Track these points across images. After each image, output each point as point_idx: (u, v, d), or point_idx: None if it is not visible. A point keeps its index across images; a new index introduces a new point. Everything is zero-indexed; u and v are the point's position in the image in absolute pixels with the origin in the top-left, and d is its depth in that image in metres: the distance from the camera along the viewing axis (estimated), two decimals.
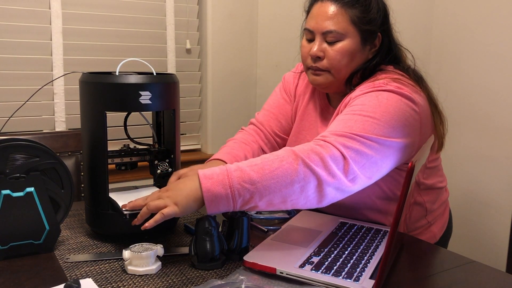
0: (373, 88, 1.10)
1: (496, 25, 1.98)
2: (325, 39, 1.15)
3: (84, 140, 1.05)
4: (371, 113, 1.03)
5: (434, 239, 1.32)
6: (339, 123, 1.04)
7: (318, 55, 1.16)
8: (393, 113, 1.05)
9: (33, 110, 1.92)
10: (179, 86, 1.09)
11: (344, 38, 1.14)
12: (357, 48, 1.15)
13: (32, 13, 1.88)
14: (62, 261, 0.95)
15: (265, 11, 2.32)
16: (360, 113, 1.04)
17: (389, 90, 1.08)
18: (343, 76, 1.18)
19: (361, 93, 1.11)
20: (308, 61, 1.19)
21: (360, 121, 1.02)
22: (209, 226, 0.91)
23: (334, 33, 1.14)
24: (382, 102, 1.06)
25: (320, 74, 1.18)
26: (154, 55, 2.16)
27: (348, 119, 1.04)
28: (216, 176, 0.92)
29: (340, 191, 0.97)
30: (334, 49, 1.15)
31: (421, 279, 0.90)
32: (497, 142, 2.00)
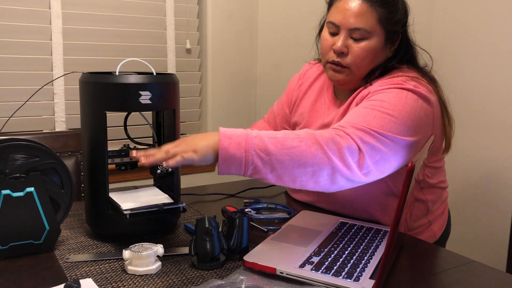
0: (392, 84, 1.11)
1: (496, 25, 1.98)
2: (350, 35, 1.15)
3: (84, 140, 1.05)
4: (390, 110, 1.05)
5: (434, 238, 1.33)
6: (358, 115, 1.05)
7: (343, 51, 1.16)
8: (410, 112, 1.06)
9: (33, 110, 1.92)
10: (179, 86, 1.09)
11: (370, 37, 1.14)
12: (380, 47, 1.16)
13: (32, 13, 1.88)
14: (62, 261, 0.95)
15: (265, 11, 2.32)
16: (379, 109, 1.05)
17: (407, 89, 1.09)
18: (363, 74, 1.19)
19: (380, 89, 1.12)
20: (330, 55, 1.19)
21: (379, 117, 1.04)
22: (209, 226, 0.92)
23: (361, 31, 1.13)
24: (401, 100, 1.07)
25: (340, 71, 1.18)
26: (154, 55, 2.16)
27: (367, 113, 1.05)
28: (236, 138, 0.93)
29: (351, 182, 0.99)
30: (359, 46, 1.15)
31: (421, 279, 0.90)
32: (497, 142, 2.01)
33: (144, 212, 1.02)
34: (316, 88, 1.37)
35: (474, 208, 2.11)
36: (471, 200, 2.11)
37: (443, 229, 1.37)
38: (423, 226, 1.31)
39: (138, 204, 1.02)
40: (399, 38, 1.20)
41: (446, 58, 2.18)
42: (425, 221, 1.30)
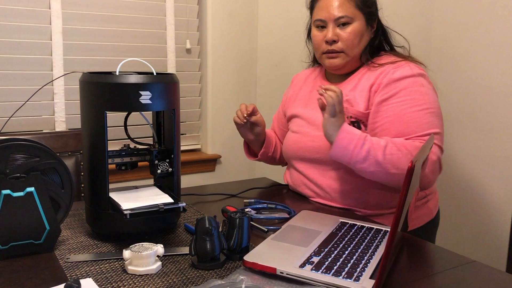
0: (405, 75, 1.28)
1: (496, 25, 1.98)
2: (337, 24, 1.34)
3: (84, 140, 1.05)
4: (422, 105, 1.25)
5: (430, 215, 1.41)
6: (407, 120, 1.24)
7: (334, 39, 1.34)
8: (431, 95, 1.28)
9: (33, 110, 1.92)
10: (179, 86, 1.09)
11: (353, 21, 1.33)
12: (363, 28, 1.35)
13: (32, 13, 1.88)
14: (62, 261, 0.95)
15: (265, 11, 2.32)
16: (416, 109, 1.25)
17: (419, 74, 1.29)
18: (355, 55, 1.36)
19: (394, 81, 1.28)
20: (323, 47, 1.37)
21: (421, 116, 1.24)
22: (209, 226, 0.92)
23: (345, 18, 1.32)
24: (427, 91, 1.27)
25: (335, 56, 1.35)
26: (154, 55, 2.16)
27: (410, 117, 1.24)
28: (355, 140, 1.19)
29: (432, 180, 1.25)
30: (346, 31, 1.33)
31: (421, 279, 0.90)
32: (497, 142, 2.01)
33: (144, 212, 1.02)
34: (309, 83, 1.52)
35: (474, 208, 2.11)
36: (471, 200, 2.11)
37: (437, 208, 1.46)
38: (420, 201, 1.38)
39: (138, 204, 1.03)
40: (376, 20, 1.39)
41: (446, 58, 2.18)
42: (423, 194, 1.39)
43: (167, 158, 1.13)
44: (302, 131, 1.42)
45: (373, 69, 1.34)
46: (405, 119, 1.24)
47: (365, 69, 1.37)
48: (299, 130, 1.44)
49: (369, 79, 1.33)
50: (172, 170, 1.12)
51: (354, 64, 1.38)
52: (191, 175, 2.22)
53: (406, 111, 1.25)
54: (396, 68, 1.30)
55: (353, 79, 1.37)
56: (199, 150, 2.36)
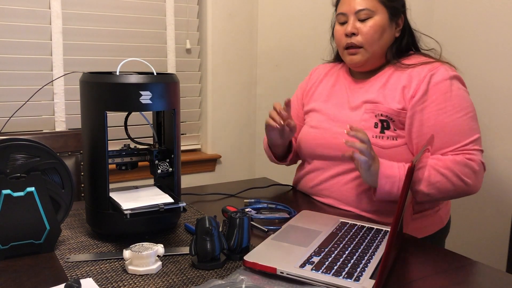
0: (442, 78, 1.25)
1: (496, 25, 1.98)
2: (357, 18, 1.30)
3: (84, 140, 1.05)
4: (462, 110, 1.24)
5: (441, 224, 1.38)
6: (454, 130, 1.23)
7: (353, 31, 1.30)
8: (467, 97, 1.28)
9: (33, 110, 1.92)
10: (179, 86, 1.09)
11: (374, 15, 1.29)
12: (386, 24, 1.31)
13: (32, 13, 1.88)
14: (62, 261, 0.95)
15: (265, 11, 2.32)
16: (457, 116, 1.23)
17: (454, 77, 1.27)
18: (376, 51, 1.32)
19: (433, 84, 1.25)
20: (344, 41, 1.34)
21: (466, 122, 1.24)
22: (209, 226, 0.92)
23: (365, 11, 1.29)
24: (464, 94, 1.27)
25: (356, 52, 1.32)
26: (154, 55, 2.16)
27: (453, 125, 1.23)
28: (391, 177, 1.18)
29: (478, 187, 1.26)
30: (366, 25, 1.30)
31: (421, 279, 0.90)
32: (497, 142, 2.01)
33: (144, 212, 1.02)
34: (332, 78, 1.47)
35: (474, 208, 2.11)
36: (471, 200, 2.11)
37: (448, 216, 1.43)
38: (432, 210, 1.35)
39: (138, 204, 1.03)
40: (402, 18, 1.34)
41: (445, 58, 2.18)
42: (437, 208, 1.36)
43: (167, 158, 1.13)
44: (323, 126, 1.37)
45: (402, 69, 1.30)
46: (448, 129, 1.23)
47: (392, 68, 1.33)
48: (319, 125, 1.39)
49: (400, 79, 1.29)
50: (172, 170, 1.12)
51: (377, 61, 1.34)
52: (191, 175, 2.23)
53: (448, 119, 1.23)
54: (432, 71, 1.26)
55: (381, 77, 1.33)
56: (199, 150, 2.36)
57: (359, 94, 1.35)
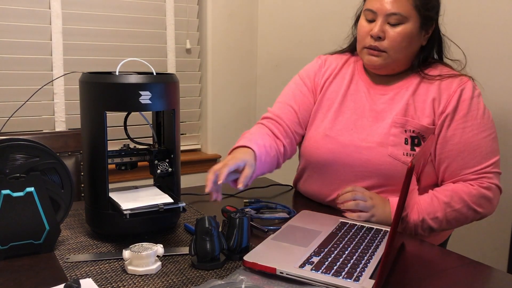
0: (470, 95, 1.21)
1: (496, 25, 1.98)
2: (387, 20, 1.20)
3: (84, 140, 1.05)
4: (486, 130, 1.21)
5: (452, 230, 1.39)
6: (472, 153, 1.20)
7: (380, 35, 1.20)
8: (491, 117, 1.25)
9: (33, 110, 1.92)
10: (179, 86, 1.09)
11: (406, 22, 1.19)
12: (415, 32, 1.21)
13: (32, 13, 1.88)
14: (62, 261, 0.95)
15: (265, 11, 2.32)
16: (481, 136, 1.20)
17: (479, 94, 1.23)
18: (399, 58, 1.23)
19: (462, 101, 1.20)
20: (367, 41, 1.23)
21: (488, 144, 1.21)
22: (209, 226, 0.91)
23: (397, 16, 1.18)
24: (486, 112, 1.23)
25: (377, 55, 1.22)
26: (154, 55, 2.16)
27: (476, 146, 1.20)
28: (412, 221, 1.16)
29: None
30: (395, 31, 1.20)
31: (421, 279, 0.90)
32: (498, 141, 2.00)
33: (144, 212, 1.01)
34: (347, 74, 1.34)
35: None
36: None
37: None
38: None
39: (138, 204, 1.02)
40: (433, 26, 1.26)
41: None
42: None
43: (167, 158, 1.13)
44: (343, 139, 1.25)
45: (429, 81, 1.23)
46: (472, 149, 1.19)
47: (418, 78, 1.24)
48: (337, 135, 1.26)
49: (429, 91, 1.22)
50: (172, 170, 1.12)
51: (397, 67, 1.25)
52: (191, 175, 2.22)
53: (473, 139, 1.19)
54: (461, 86, 1.20)
55: (408, 86, 1.24)
56: (199, 150, 2.36)
57: (382, 101, 1.26)
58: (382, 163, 1.19)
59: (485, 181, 1.19)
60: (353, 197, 1.17)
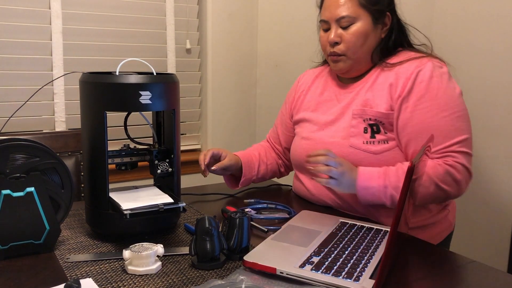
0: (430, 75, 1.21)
1: (496, 25, 1.98)
2: (339, 25, 1.26)
3: (84, 140, 1.05)
4: (448, 109, 1.19)
5: (450, 228, 1.37)
6: (439, 132, 1.18)
7: (336, 40, 1.27)
8: (458, 95, 1.22)
9: (33, 110, 1.92)
10: (179, 86, 1.09)
11: (356, 21, 1.24)
12: (369, 28, 1.26)
13: (32, 13, 1.88)
14: (62, 261, 0.95)
15: (265, 11, 2.32)
16: (442, 115, 1.19)
17: (442, 73, 1.22)
18: (360, 57, 1.28)
19: (420, 81, 1.20)
20: (328, 49, 1.30)
21: (448, 122, 1.19)
22: (209, 226, 0.91)
23: (346, 18, 1.24)
24: (449, 91, 1.21)
25: (338, 60, 1.29)
26: (154, 55, 2.16)
27: (437, 125, 1.19)
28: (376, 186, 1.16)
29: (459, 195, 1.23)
30: (349, 32, 1.25)
31: (421, 279, 0.90)
32: (497, 142, 2.00)
33: (144, 212, 1.01)
34: (320, 84, 1.43)
35: (475, 207, 2.11)
36: (472, 200, 2.11)
37: (455, 218, 1.41)
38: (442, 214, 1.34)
39: (138, 204, 1.02)
40: (389, 17, 1.29)
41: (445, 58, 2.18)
42: (446, 212, 1.35)
43: (167, 158, 1.13)
44: (314, 137, 1.34)
45: (389, 68, 1.26)
46: (431, 129, 1.18)
47: (379, 69, 1.28)
48: (310, 136, 1.35)
49: (387, 78, 1.25)
50: (172, 170, 1.12)
51: (363, 66, 1.30)
52: (191, 175, 2.22)
53: (433, 119, 1.18)
54: (419, 67, 1.21)
55: (368, 79, 1.29)
56: (199, 150, 2.36)
57: (347, 99, 1.31)
58: (346, 154, 1.24)
59: (449, 159, 1.18)
60: (326, 161, 1.15)
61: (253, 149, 1.52)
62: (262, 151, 1.50)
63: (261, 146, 1.54)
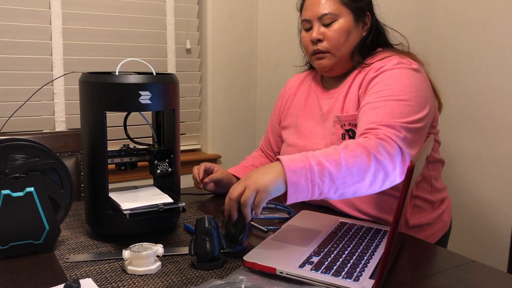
0: (390, 67, 1.19)
1: (496, 24, 1.98)
2: (322, 23, 1.27)
3: (84, 140, 1.05)
4: (401, 95, 1.13)
5: (445, 228, 1.36)
6: (378, 111, 1.12)
7: (318, 38, 1.27)
8: (416, 89, 1.15)
9: (33, 110, 1.92)
10: (179, 86, 1.09)
11: (338, 18, 1.26)
12: (351, 25, 1.27)
13: (32, 13, 1.88)
14: (62, 261, 0.95)
15: (265, 11, 2.32)
16: (392, 98, 1.13)
17: (405, 67, 1.18)
18: (343, 54, 1.27)
19: (379, 72, 1.19)
20: (310, 48, 1.30)
21: (397, 106, 1.11)
22: (209, 226, 0.92)
23: (328, 15, 1.25)
24: (405, 80, 1.15)
25: (323, 57, 1.28)
26: (154, 55, 2.16)
27: (384, 106, 1.12)
28: (300, 170, 0.95)
29: (397, 179, 1.06)
30: (331, 30, 1.26)
31: (421, 279, 0.90)
32: (497, 142, 2.00)
33: (144, 212, 1.01)
34: (305, 89, 1.43)
35: (475, 207, 2.11)
36: (471, 200, 2.11)
37: (450, 218, 1.41)
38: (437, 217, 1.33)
39: (138, 204, 1.02)
40: (369, 16, 1.30)
41: (446, 58, 2.18)
42: (440, 211, 1.34)
43: (166, 158, 1.13)
44: (299, 144, 1.34)
45: (364, 69, 1.26)
46: (375, 109, 1.13)
47: (357, 71, 1.28)
48: (295, 143, 1.36)
49: (358, 79, 1.25)
50: (172, 170, 1.12)
51: (345, 65, 1.30)
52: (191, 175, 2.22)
53: (379, 101, 1.13)
54: (382, 62, 1.21)
55: (346, 83, 1.29)
56: (199, 150, 2.36)
57: (328, 104, 1.32)
58: None
59: (381, 133, 1.07)
60: (233, 202, 0.95)
61: (245, 162, 1.51)
62: (256, 162, 1.51)
63: (253, 158, 1.54)
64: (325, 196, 0.98)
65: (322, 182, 0.96)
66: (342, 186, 0.97)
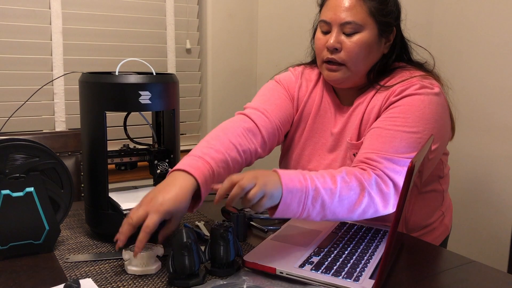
0: (412, 91, 1.09)
1: (496, 24, 1.98)
2: (342, 30, 1.12)
3: (84, 140, 1.05)
4: (413, 127, 1.06)
5: (446, 232, 1.35)
6: (385, 140, 1.05)
7: (336, 47, 1.13)
8: (433, 120, 1.08)
9: (33, 110, 1.92)
10: (179, 86, 1.09)
11: (362, 30, 1.11)
12: (374, 40, 1.13)
13: (32, 13, 1.88)
14: (62, 261, 0.95)
15: (265, 11, 2.32)
16: (403, 130, 1.06)
17: (425, 93, 1.09)
18: (360, 70, 1.15)
19: (399, 98, 1.10)
20: (324, 54, 1.16)
21: (406, 139, 1.05)
22: (187, 240, 0.84)
23: (352, 24, 1.11)
24: (424, 111, 1.07)
25: (336, 69, 1.15)
26: (154, 55, 2.16)
27: (393, 136, 1.06)
28: (296, 192, 0.92)
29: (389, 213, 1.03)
30: (351, 40, 1.12)
31: (421, 279, 0.90)
32: (498, 141, 2.00)
33: None
34: (318, 93, 1.27)
35: (475, 208, 2.11)
36: (471, 200, 2.11)
37: (451, 221, 1.39)
38: (437, 221, 1.32)
39: None
40: (394, 32, 1.17)
41: (446, 58, 2.18)
42: (440, 213, 1.32)
43: (166, 158, 1.13)
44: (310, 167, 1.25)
45: (381, 92, 1.15)
46: (383, 138, 1.06)
47: (373, 91, 1.16)
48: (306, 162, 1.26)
49: (377, 100, 1.14)
50: None
51: (358, 81, 1.18)
52: None
53: (390, 129, 1.06)
54: (402, 86, 1.11)
55: (363, 103, 1.17)
56: None
57: (340, 124, 1.21)
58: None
59: (380, 167, 1.02)
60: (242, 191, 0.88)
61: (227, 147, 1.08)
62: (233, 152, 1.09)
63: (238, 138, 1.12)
64: (311, 218, 0.96)
65: (313, 207, 0.94)
66: (330, 215, 0.96)
